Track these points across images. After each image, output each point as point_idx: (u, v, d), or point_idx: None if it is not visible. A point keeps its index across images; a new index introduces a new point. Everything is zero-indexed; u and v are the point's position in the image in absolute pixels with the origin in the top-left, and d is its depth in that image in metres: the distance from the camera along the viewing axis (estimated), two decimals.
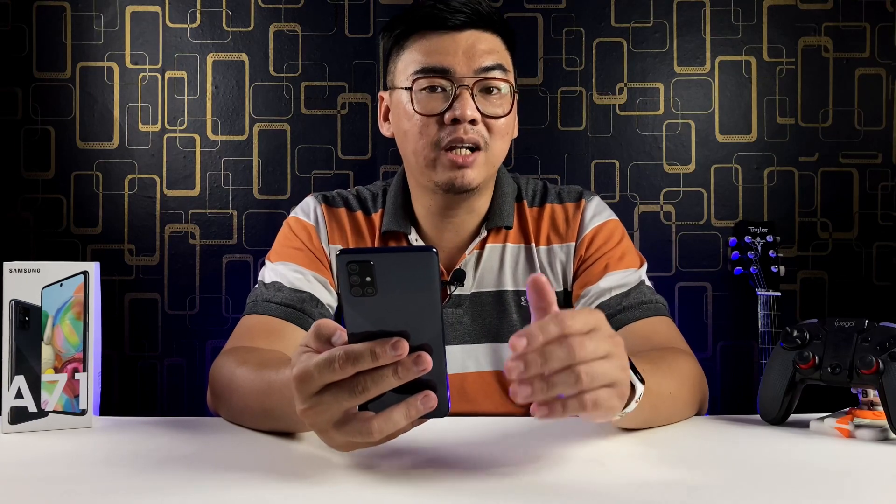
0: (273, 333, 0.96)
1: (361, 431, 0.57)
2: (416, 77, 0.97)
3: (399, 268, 0.54)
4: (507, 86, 0.98)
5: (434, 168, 0.98)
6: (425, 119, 0.96)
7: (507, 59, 1.00)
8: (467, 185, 0.97)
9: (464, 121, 0.94)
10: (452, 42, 0.96)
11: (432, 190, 1.01)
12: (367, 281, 0.54)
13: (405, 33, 0.99)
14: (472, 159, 0.96)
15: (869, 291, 1.94)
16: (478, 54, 0.96)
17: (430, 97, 0.96)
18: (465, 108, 0.94)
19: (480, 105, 0.96)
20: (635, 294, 1.00)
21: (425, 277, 0.55)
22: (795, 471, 0.65)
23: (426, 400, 0.57)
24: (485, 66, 0.96)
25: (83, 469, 0.65)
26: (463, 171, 0.96)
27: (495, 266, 1.06)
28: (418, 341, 0.56)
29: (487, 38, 0.98)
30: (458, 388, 1.04)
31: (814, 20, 1.93)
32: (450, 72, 0.95)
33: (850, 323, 0.79)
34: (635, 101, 1.94)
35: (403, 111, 0.99)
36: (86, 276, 0.79)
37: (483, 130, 0.97)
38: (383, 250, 0.56)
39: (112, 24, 1.90)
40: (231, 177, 1.91)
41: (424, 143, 0.97)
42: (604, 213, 1.08)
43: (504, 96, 0.98)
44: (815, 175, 1.94)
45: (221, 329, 1.89)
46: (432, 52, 0.96)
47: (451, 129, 0.95)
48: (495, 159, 1.00)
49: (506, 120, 0.98)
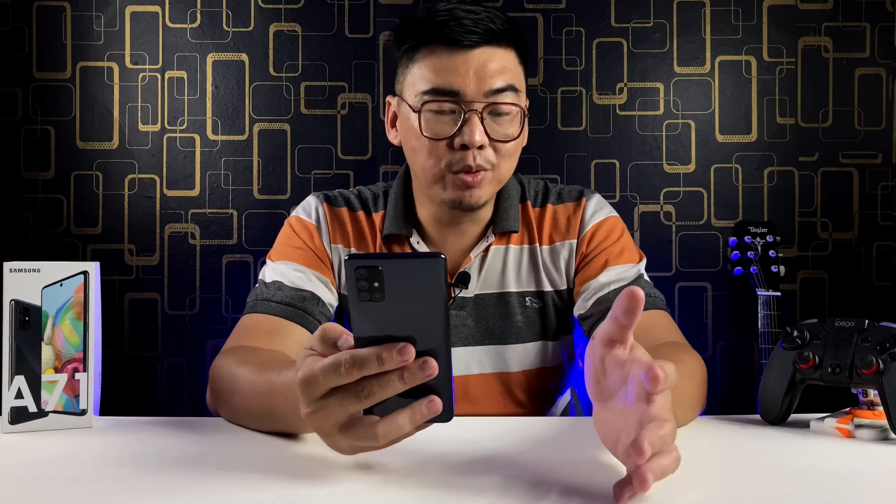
0: (273, 332, 0.95)
1: (366, 436, 0.57)
2: (424, 99, 0.95)
3: (407, 274, 0.55)
4: (517, 109, 0.96)
5: (442, 186, 0.97)
6: (434, 142, 0.95)
7: (519, 76, 0.98)
8: (474, 204, 0.97)
9: (472, 147, 0.93)
10: (464, 62, 0.93)
11: (438, 204, 1.01)
12: (375, 286, 0.54)
13: (415, 45, 0.97)
14: (479, 178, 0.96)
15: (869, 291, 1.94)
16: (488, 75, 0.93)
17: (438, 119, 0.95)
18: (473, 135, 0.92)
19: (489, 128, 0.94)
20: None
21: (433, 284, 0.55)
22: (795, 471, 0.65)
23: (431, 405, 0.56)
24: (495, 87, 0.94)
25: (83, 469, 0.65)
26: (471, 190, 0.96)
27: (499, 268, 1.06)
28: (424, 346, 0.56)
29: (500, 54, 0.95)
30: (462, 389, 1.04)
31: (814, 20, 1.93)
32: (459, 94, 0.93)
33: (850, 323, 0.79)
34: (635, 101, 1.94)
35: (411, 129, 0.98)
36: (86, 276, 0.79)
37: (491, 154, 0.95)
38: (392, 256, 0.56)
39: (112, 24, 1.90)
40: (231, 177, 1.91)
41: (433, 163, 0.96)
42: (604, 209, 1.08)
43: (514, 117, 0.97)
44: (815, 175, 1.94)
45: (221, 329, 1.89)
46: (442, 71, 0.94)
47: (461, 154, 0.94)
48: (502, 178, 1.00)
49: (514, 143, 0.97)
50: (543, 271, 1.06)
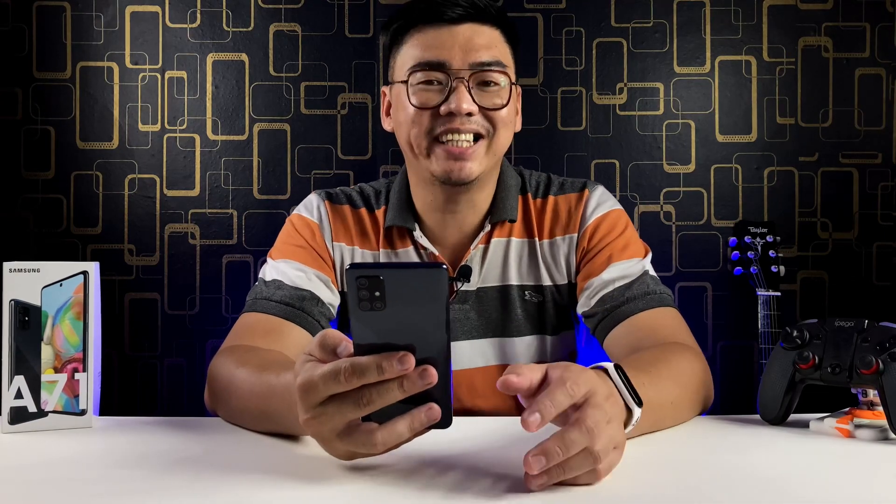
0: (272, 332, 0.95)
1: (365, 443, 0.57)
2: (412, 71, 0.96)
3: (409, 284, 0.55)
4: (505, 79, 0.97)
5: (429, 158, 0.97)
6: (421, 111, 0.96)
7: (506, 53, 0.99)
8: (465, 178, 0.97)
9: (460, 114, 0.94)
10: (449, 36, 0.95)
11: (431, 182, 1.00)
12: (376, 296, 0.54)
13: (403, 28, 0.99)
14: (471, 151, 0.96)
15: (869, 291, 1.93)
16: (474, 49, 0.95)
17: (426, 90, 0.96)
18: (461, 101, 0.93)
19: (478, 98, 0.95)
20: (638, 285, 0.99)
21: (434, 293, 0.55)
22: (795, 471, 0.65)
23: (430, 412, 0.57)
24: (481, 61, 0.95)
25: (83, 469, 0.65)
26: (461, 162, 0.96)
27: (500, 261, 1.05)
28: (423, 354, 0.56)
29: (485, 31, 0.97)
30: (468, 382, 1.04)
31: (814, 20, 1.93)
32: (445, 65, 0.95)
33: (850, 323, 0.79)
34: (635, 101, 1.94)
35: (400, 104, 0.98)
36: (86, 276, 0.79)
37: (483, 121, 0.96)
38: (393, 265, 0.56)
39: (112, 24, 1.90)
40: (231, 177, 1.91)
41: (417, 132, 0.97)
42: (607, 202, 1.07)
43: (503, 89, 0.97)
44: (815, 175, 1.94)
45: (221, 329, 1.89)
46: (429, 46, 0.96)
47: (447, 119, 0.95)
48: (499, 149, 0.99)
49: (506, 110, 0.97)
50: (543, 265, 1.05)
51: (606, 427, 0.57)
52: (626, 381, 0.64)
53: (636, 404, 0.64)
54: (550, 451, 0.55)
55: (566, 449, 0.55)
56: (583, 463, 0.56)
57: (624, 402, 0.63)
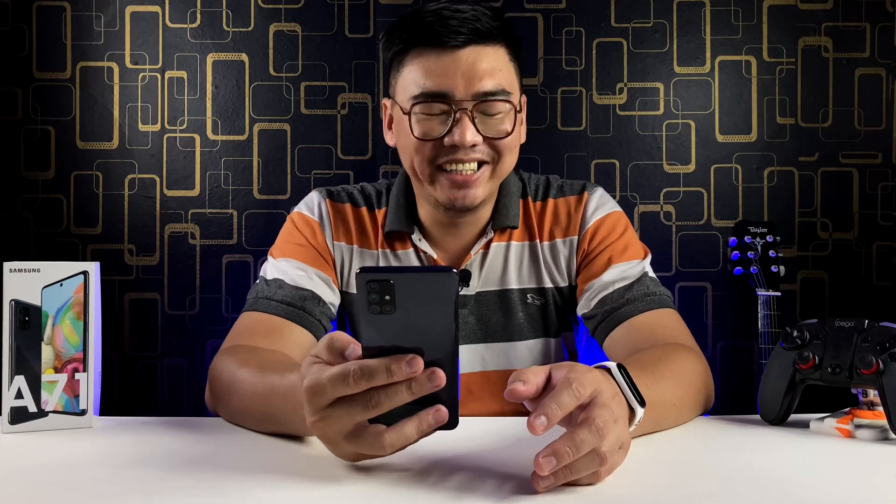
0: (274, 332, 0.95)
1: (373, 445, 0.57)
2: (414, 101, 0.94)
3: (419, 287, 0.55)
4: (508, 107, 0.95)
5: (433, 185, 0.97)
6: (425, 142, 0.94)
7: (510, 74, 0.96)
8: (469, 205, 0.97)
9: (463, 147, 0.93)
10: (452, 63, 0.92)
11: (434, 205, 1.01)
12: (386, 299, 0.55)
13: (403, 50, 0.96)
14: (475, 178, 0.95)
15: (869, 291, 1.93)
16: (477, 76, 0.92)
17: (428, 119, 0.94)
18: (464, 135, 0.92)
19: (482, 127, 0.93)
20: (638, 286, 0.99)
21: (444, 297, 0.55)
22: (795, 471, 0.65)
23: (438, 414, 0.57)
24: (485, 90, 0.93)
25: (83, 469, 0.65)
26: (465, 190, 0.95)
27: (500, 265, 1.05)
28: (431, 357, 0.56)
29: (489, 53, 0.94)
30: (465, 387, 1.04)
31: (814, 20, 1.93)
32: (448, 96, 0.92)
33: (850, 323, 0.79)
34: (635, 101, 1.94)
35: (403, 130, 0.97)
36: (86, 276, 0.79)
37: (487, 149, 0.95)
38: (404, 269, 0.57)
39: (112, 24, 1.90)
40: (231, 177, 1.91)
41: (420, 160, 0.96)
42: (606, 205, 1.07)
43: (507, 114, 0.95)
44: (815, 175, 1.94)
45: (221, 329, 1.89)
46: (431, 73, 0.93)
47: (450, 150, 0.93)
48: (503, 173, 0.99)
49: (510, 137, 0.96)
50: (544, 268, 1.05)
51: (614, 426, 0.57)
52: (629, 380, 0.64)
53: (639, 404, 0.64)
54: (560, 452, 0.55)
55: (576, 449, 0.55)
56: (589, 464, 0.56)
57: (627, 401, 0.63)
